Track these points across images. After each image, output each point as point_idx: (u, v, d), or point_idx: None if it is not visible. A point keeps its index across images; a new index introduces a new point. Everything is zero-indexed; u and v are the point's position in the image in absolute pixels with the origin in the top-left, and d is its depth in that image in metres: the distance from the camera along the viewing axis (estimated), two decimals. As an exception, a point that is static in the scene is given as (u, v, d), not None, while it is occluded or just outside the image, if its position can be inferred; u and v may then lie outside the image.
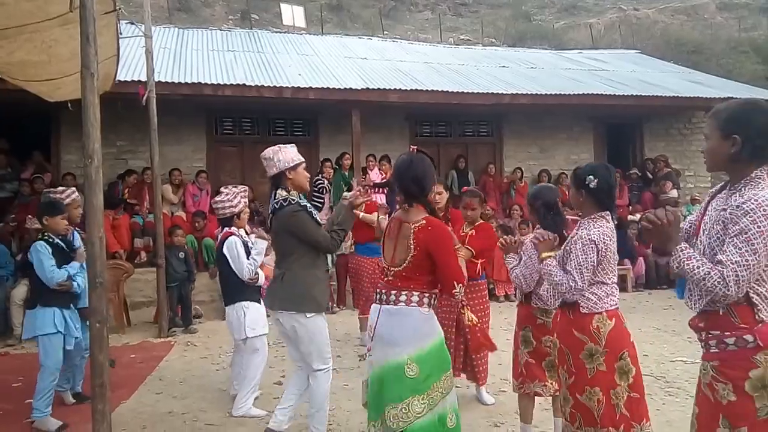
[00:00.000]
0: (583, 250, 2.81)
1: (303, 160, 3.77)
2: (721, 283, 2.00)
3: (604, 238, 2.82)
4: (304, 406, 3.87)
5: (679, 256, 2.10)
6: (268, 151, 3.74)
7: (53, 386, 4.36)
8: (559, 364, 2.97)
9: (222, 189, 4.98)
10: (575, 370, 2.83)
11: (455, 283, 2.80)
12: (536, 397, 3.75)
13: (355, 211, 3.79)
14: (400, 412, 2.72)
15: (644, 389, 2.86)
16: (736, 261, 1.99)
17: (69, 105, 6.05)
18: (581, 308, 2.83)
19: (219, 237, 4.75)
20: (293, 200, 3.58)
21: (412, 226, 2.84)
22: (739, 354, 2.05)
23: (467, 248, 4.23)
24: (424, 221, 2.85)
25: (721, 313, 2.09)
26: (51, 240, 4.47)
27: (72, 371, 4.77)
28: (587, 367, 2.79)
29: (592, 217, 2.89)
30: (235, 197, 4.73)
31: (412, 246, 2.81)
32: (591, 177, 2.86)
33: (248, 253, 4.60)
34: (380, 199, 9.03)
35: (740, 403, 2.03)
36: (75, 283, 4.47)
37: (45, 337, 4.33)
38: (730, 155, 2.11)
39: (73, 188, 5.23)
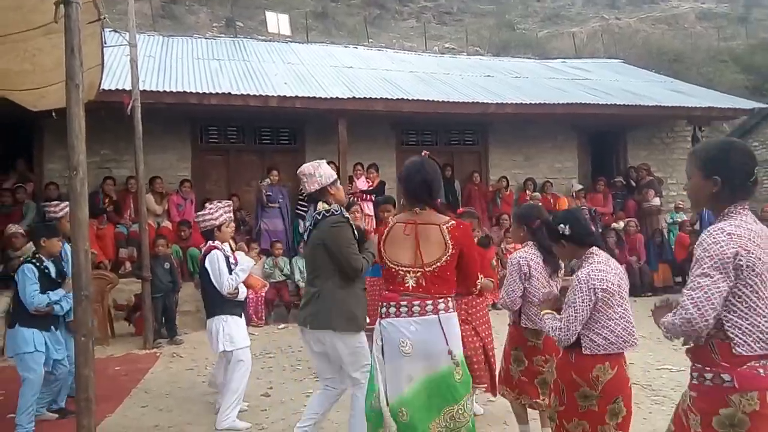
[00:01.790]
0: (574, 290, 2.78)
1: (336, 178, 3.72)
2: (681, 311, 2.08)
3: (594, 274, 2.77)
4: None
5: (664, 323, 2.19)
6: (308, 167, 3.66)
7: (35, 401, 4.35)
8: (553, 392, 2.96)
9: (207, 204, 4.99)
10: (567, 403, 2.83)
11: (477, 279, 2.93)
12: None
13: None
14: (457, 413, 2.75)
15: (629, 426, 2.87)
16: (689, 287, 2.09)
17: (53, 114, 6.00)
18: (583, 348, 2.76)
19: (203, 250, 4.75)
20: (337, 211, 3.51)
21: (444, 227, 2.83)
22: (714, 390, 2.10)
23: (490, 280, 4.38)
24: (453, 221, 2.89)
25: (701, 344, 2.15)
26: (39, 264, 4.54)
27: (52, 390, 4.72)
28: (579, 404, 2.79)
29: (584, 257, 2.91)
30: (216, 211, 4.71)
31: (450, 244, 2.80)
32: (562, 226, 2.93)
33: (230, 268, 4.57)
34: (368, 207, 9.09)
35: None
36: (58, 306, 4.47)
37: (25, 354, 4.37)
38: (712, 194, 2.19)
39: (67, 202, 5.18)
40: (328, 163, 4.05)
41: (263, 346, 6.98)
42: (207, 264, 4.55)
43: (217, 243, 4.64)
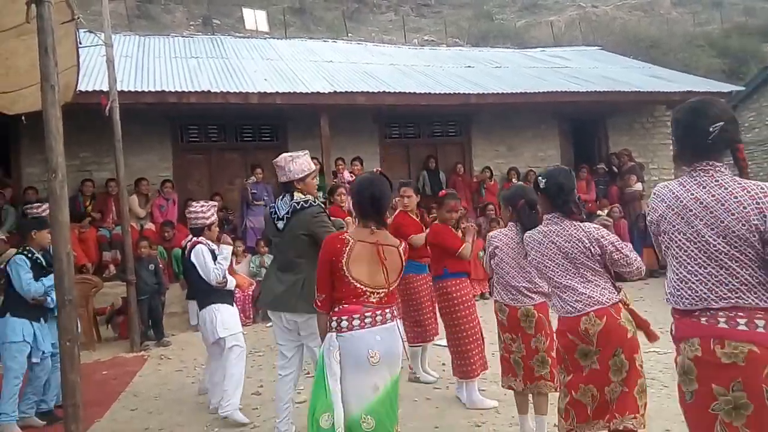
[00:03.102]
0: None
1: (314, 169, 3.84)
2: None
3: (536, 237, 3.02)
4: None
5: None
6: (281, 159, 3.84)
7: (17, 390, 4.45)
8: (558, 362, 3.03)
9: (201, 202, 5.07)
10: (572, 369, 2.88)
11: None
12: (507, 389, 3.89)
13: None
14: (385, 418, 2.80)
15: (637, 384, 2.86)
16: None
17: (23, 119, 5.91)
18: (563, 312, 2.91)
19: (187, 246, 4.77)
20: (314, 202, 3.67)
21: (399, 249, 2.95)
22: (673, 340, 2.23)
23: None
24: (401, 242, 3.01)
25: None
26: (30, 255, 4.64)
27: (37, 389, 4.72)
28: (582, 365, 2.84)
29: (545, 218, 3.01)
30: (209, 209, 4.81)
31: (401, 266, 2.96)
32: (540, 178, 3.06)
33: (215, 260, 4.64)
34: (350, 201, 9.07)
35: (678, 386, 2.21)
36: (49, 298, 4.51)
37: (11, 344, 4.47)
38: (674, 156, 2.31)
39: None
40: (312, 158, 4.05)
41: (252, 344, 6.92)
42: (192, 258, 4.61)
43: (201, 239, 4.70)
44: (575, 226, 2.93)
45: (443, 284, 4.56)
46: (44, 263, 4.65)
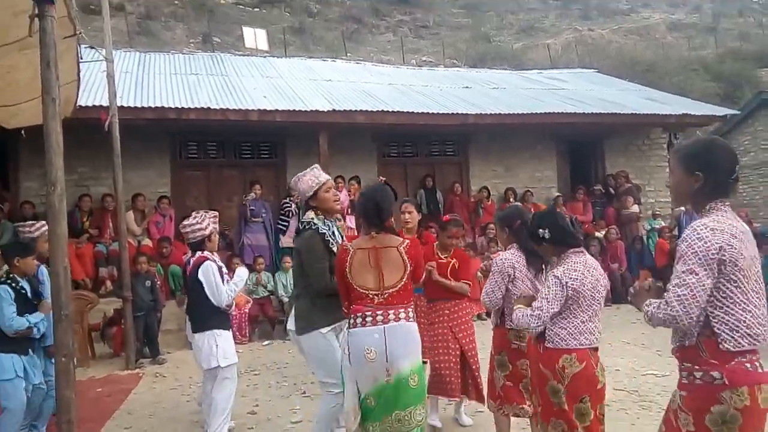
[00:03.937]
0: (548, 284, 2.90)
1: (322, 182, 3.75)
2: (665, 307, 2.11)
3: (569, 273, 2.87)
4: None
5: (648, 309, 2.22)
6: (292, 182, 4.01)
7: (18, 429, 4.25)
8: (532, 390, 3.03)
9: (193, 213, 4.81)
10: (542, 402, 2.90)
11: (421, 275, 3.28)
12: (512, 416, 3.77)
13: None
14: (404, 419, 3.00)
15: (601, 428, 2.88)
16: (674, 283, 2.10)
17: (23, 133, 5.90)
18: (547, 341, 2.88)
19: (191, 261, 4.55)
20: (315, 224, 3.60)
21: (401, 248, 3.12)
22: (704, 388, 2.11)
23: (466, 282, 4.48)
24: (407, 240, 3.19)
25: (687, 344, 2.17)
26: (15, 285, 4.34)
27: (34, 412, 4.52)
28: (552, 401, 2.85)
29: (562, 257, 2.99)
30: (204, 220, 4.60)
31: (408, 263, 3.10)
32: (541, 231, 3.01)
33: (222, 279, 4.45)
34: (350, 221, 9.06)
35: None
36: (35, 329, 4.32)
37: (5, 382, 4.19)
38: (694, 191, 2.23)
39: (43, 222, 5.00)
40: None
41: (248, 363, 6.87)
42: (201, 275, 4.36)
43: (207, 253, 4.50)
44: (596, 261, 2.99)
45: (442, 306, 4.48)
46: (29, 293, 4.40)
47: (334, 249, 3.49)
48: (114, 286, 8.26)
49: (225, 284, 4.42)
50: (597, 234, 10.61)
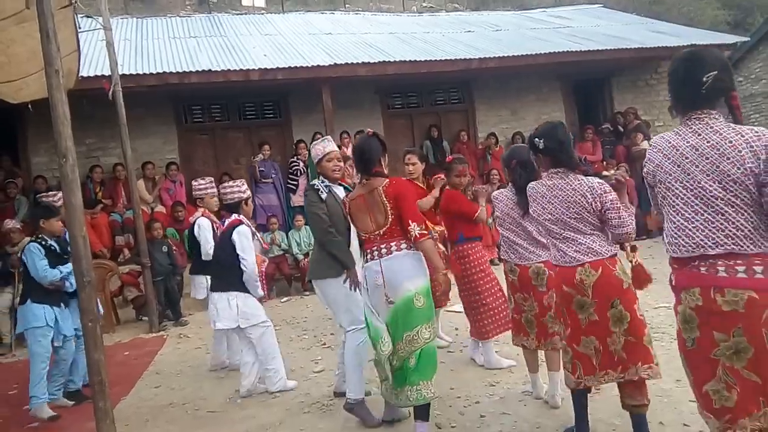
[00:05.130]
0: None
1: (326, 152, 4.04)
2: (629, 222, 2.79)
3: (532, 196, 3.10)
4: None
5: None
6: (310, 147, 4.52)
7: (45, 373, 4.58)
8: (557, 317, 3.07)
9: (228, 180, 5.15)
10: (570, 322, 2.93)
11: (410, 221, 3.30)
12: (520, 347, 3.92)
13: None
14: (413, 339, 3.26)
15: (643, 332, 2.92)
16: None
17: (30, 107, 5.93)
18: (562, 262, 2.97)
19: (226, 222, 4.69)
20: (316, 185, 3.97)
21: (380, 189, 3.37)
22: (673, 290, 2.27)
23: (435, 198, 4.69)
24: (386, 180, 3.42)
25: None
26: (44, 242, 4.69)
27: (63, 371, 4.80)
28: (580, 318, 2.88)
29: (550, 173, 3.03)
30: (243, 184, 4.84)
31: (387, 204, 3.35)
32: (537, 139, 3.04)
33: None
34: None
35: (678, 333, 2.27)
36: (68, 283, 4.59)
37: (34, 329, 4.57)
38: (670, 107, 2.30)
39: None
40: (314, 135, 4.29)
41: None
42: (235, 237, 4.46)
43: (242, 217, 4.63)
44: (579, 180, 2.96)
45: (460, 248, 4.58)
46: (59, 249, 4.72)
47: (323, 196, 3.90)
48: (131, 254, 8.43)
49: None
50: (605, 173, 10.55)
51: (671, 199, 2.19)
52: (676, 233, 2.18)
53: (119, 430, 3.14)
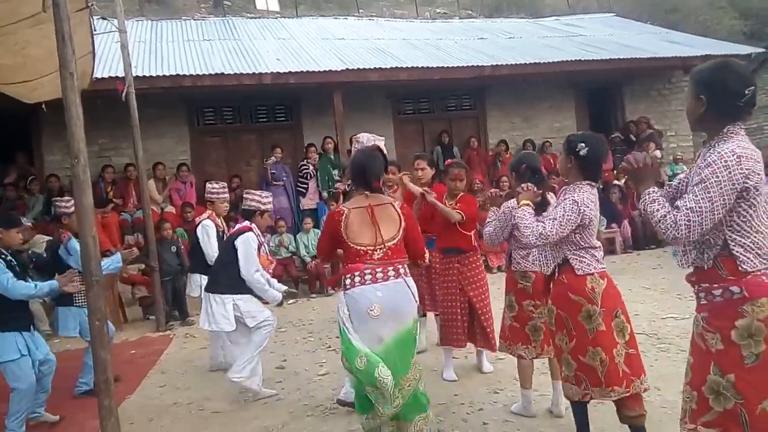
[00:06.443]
0: (564, 206, 2.92)
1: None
2: (673, 226, 2.11)
3: (587, 202, 2.92)
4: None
5: (645, 198, 2.22)
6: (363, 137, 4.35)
7: (27, 408, 4.12)
8: (557, 330, 3.04)
9: (255, 190, 5.13)
10: (576, 333, 2.92)
11: (423, 253, 3.33)
12: (535, 363, 3.86)
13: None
14: (416, 362, 3.09)
15: (638, 345, 3.01)
16: (690, 207, 2.09)
17: (43, 107, 6.02)
18: (576, 271, 2.94)
19: (236, 226, 4.77)
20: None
21: (396, 204, 3.27)
22: (725, 305, 2.12)
23: (458, 211, 4.38)
24: (399, 201, 3.36)
25: (706, 268, 2.18)
26: (2, 257, 4.06)
27: (47, 388, 4.38)
28: (587, 328, 2.89)
29: (577, 183, 3.00)
30: (267, 197, 4.81)
31: (402, 218, 3.21)
32: (582, 145, 2.96)
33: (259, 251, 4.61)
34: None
35: (727, 352, 2.11)
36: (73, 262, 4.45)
37: (11, 363, 3.99)
38: (699, 115, 2.21)
39: None
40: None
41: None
42: (239, 244, 4.49)
43: (252, 225, 4.64)
44: (596, 194, 3.04)
45: (464, 258, 4.54)
46: (18, 267, 4.13)
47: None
48: (141, 254, 8.47)
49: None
50: (615, 182, 10.53)
51: (759, 209, 2.12)
52: (751, 247, 2.11)
53: (123, 428, 3.18)
